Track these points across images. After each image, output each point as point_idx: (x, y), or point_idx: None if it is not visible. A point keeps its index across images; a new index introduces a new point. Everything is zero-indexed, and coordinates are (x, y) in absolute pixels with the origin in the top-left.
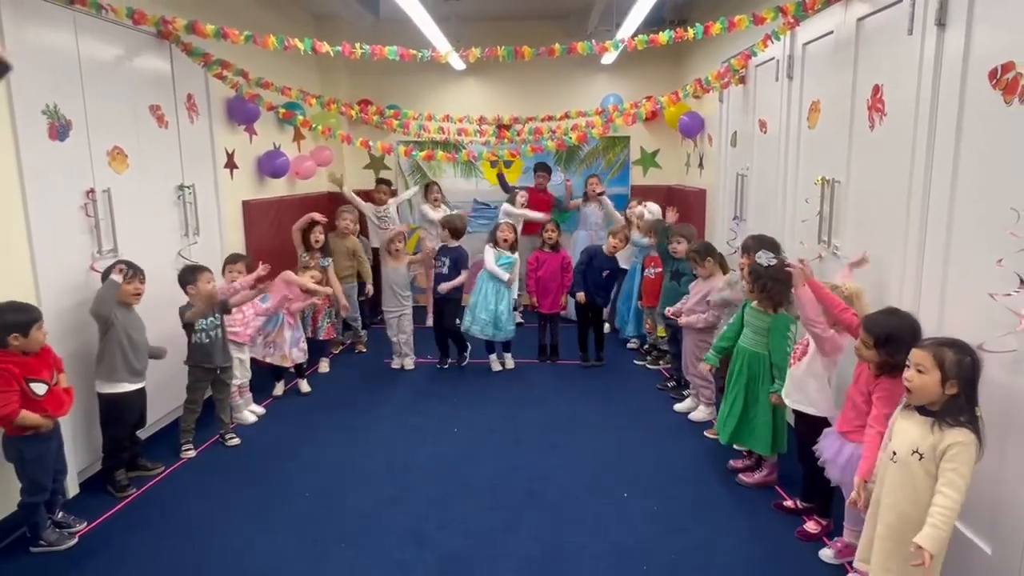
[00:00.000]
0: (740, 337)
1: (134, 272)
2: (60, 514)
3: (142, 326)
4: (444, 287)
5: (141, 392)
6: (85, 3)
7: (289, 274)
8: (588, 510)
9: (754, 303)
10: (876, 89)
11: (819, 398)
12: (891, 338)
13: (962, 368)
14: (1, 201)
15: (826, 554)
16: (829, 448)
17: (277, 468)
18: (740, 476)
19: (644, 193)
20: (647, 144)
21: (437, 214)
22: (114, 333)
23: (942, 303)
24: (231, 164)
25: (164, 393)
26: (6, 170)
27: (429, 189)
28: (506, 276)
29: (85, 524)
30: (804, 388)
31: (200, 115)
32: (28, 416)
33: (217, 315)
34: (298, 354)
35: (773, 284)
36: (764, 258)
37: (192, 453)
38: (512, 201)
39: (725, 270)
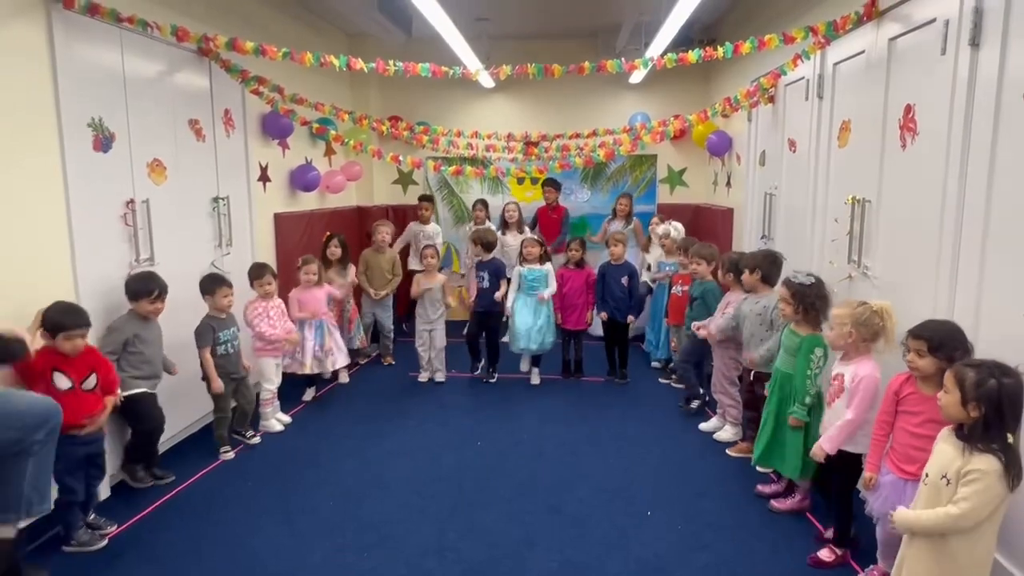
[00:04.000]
0: (778, 359)
1: (159, 293)
2: (92, 516)
3: (154, 338)
4: (496, 301)
5: (152, 396)
6: (133, 21)
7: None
8: (610, 525)
9: (792, 324)
10: (908, 109)
11: (860, 434)
12: (944, 338)
13: (983, 390)
14: (46, 209)
15: None
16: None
17: (302, 476)
18: (772, 502)
19: (670, 211)
20: (674, 162)
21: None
22: (128, 344)
23: (976, 324)
24: (264, 177)
25: (183, 405)
26: (52, 179)
27: (476, 207)
28: (547, 292)
29: (115, 526)
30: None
31: (236, 129)
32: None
33: (237, 328)
34: (315, 364)
35: (821, 303)
36: (802, 276)
37: (231, 455)
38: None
39: None
